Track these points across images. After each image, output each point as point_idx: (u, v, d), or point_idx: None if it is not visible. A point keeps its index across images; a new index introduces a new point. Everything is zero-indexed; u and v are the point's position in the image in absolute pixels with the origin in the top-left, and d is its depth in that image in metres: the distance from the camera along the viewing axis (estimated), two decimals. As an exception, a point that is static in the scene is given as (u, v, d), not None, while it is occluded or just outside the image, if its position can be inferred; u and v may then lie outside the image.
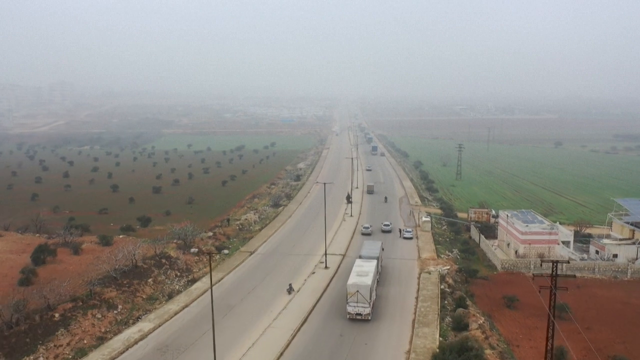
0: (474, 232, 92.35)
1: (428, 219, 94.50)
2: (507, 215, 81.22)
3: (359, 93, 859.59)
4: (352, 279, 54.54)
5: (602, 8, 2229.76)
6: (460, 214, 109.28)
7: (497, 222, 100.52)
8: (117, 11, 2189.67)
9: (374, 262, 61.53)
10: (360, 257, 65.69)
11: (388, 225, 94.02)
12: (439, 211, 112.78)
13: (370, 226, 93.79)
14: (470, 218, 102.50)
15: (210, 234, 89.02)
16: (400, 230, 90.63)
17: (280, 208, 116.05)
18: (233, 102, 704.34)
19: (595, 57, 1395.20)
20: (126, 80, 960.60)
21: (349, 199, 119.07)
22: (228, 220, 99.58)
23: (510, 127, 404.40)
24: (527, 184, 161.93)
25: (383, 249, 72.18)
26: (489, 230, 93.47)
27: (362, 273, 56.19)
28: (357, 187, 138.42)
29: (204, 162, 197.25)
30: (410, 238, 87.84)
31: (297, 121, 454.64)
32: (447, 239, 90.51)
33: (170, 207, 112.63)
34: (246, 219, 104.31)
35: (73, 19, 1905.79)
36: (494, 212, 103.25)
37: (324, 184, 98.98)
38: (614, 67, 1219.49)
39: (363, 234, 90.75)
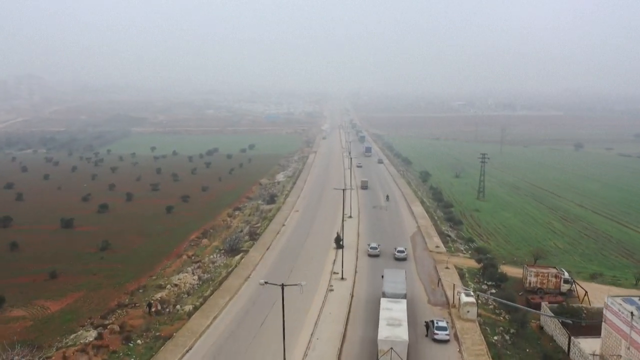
0: (553, 327, 54.34)
1: (472, 299, 55.69)
2: (632, 314, 43.57)
3: (359, 92, 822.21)
4: (384, 332, 44.03)
5: (602, 8, 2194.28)
6: (507, 270, 71.17)
7: (572, 290, 63.53)
8: (117, 10, 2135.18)
9: (404, 302, 51.52)
10: (384, 294, 54.31)
11: (403, 252, 76.71)
12: (475, 265, 75.02)
13: (379, 246, 79.07)
14: (530, 283, 64.98)
15: (94, 334, 50.55)
16: (427, 325, 52.16)
17: (238, 257, 77.87)
18: (219, 97, 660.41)
19: (595, 56, 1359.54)
20: (125, 79, 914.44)
21: (339, 241, 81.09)
22: (150, 306, 56.99)
23: (515, 125, 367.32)
24: (571, 205, 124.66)
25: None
26: (571, 314, 55.02)
27: (394, 321, 46.21)
28: (350, 217, 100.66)
29: (160, 173, 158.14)
30: (447, 340, 50.07)
31: (283, 118, 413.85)
32: (507, 339, 52.71)
33: (69, 258, 74.41)
34: (176, 285, 66.12)
35: (73, 18, 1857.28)
36: (566, 274, 65.69)
37: (281, 286, 40.49)
38: (614, 65, 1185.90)
39: (370, 255, 77.21)
